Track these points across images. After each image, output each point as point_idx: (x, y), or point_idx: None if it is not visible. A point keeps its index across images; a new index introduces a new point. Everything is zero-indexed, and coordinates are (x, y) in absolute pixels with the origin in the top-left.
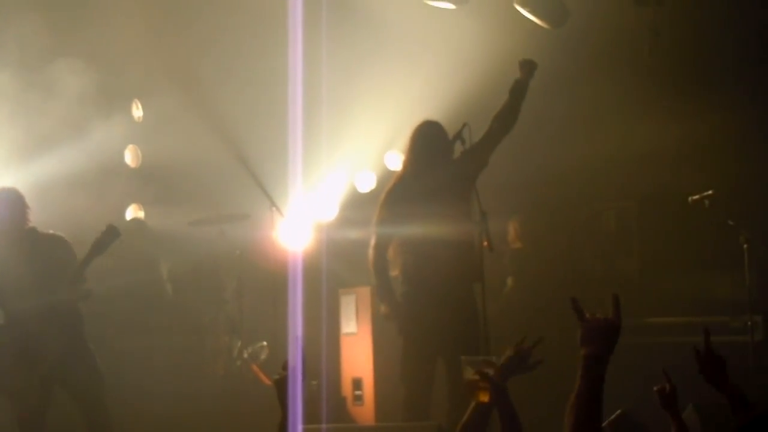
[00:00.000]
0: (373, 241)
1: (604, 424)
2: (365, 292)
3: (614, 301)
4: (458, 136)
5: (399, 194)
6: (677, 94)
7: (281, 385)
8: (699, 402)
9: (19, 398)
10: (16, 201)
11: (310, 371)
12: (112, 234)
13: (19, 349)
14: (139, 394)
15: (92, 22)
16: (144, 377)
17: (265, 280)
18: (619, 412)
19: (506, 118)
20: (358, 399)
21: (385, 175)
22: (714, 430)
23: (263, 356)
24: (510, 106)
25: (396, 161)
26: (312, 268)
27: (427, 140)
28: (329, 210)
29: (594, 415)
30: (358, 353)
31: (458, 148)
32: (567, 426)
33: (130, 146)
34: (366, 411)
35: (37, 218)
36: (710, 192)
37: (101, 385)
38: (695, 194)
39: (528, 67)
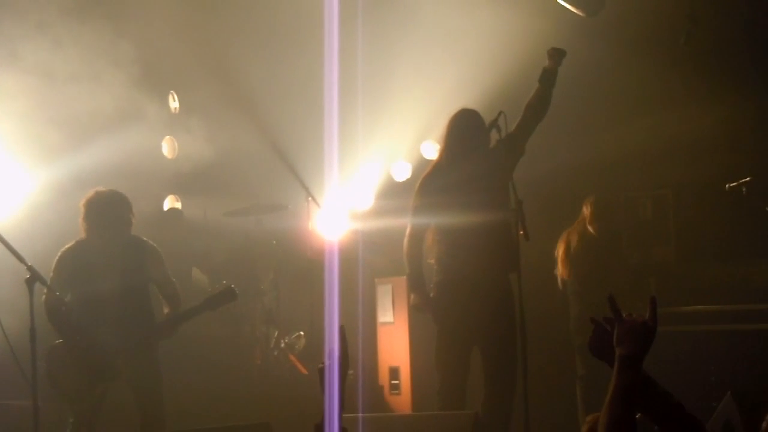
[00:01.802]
0: (408, 231)
1: (639, 414)
2: (402, 281)
3: (651, 304)
4: (494, 124)
5: (435, 183)
6: (714, 81)
7: (324, 375)
8: (737, 390)
9: (78, 401)
10: (122, 205)
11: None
12: (228, 295)
13: (82, 357)
14: (177, 383)
15: (131, 14)
16: (182, 367)
17: (302, 270)
18: None
19: (537, 106)
20: (395, 388)
21: (421, 164)
22: (752, 418)
23: (300, 346)
24: (540, 95)
25: (431, 151)
26: (348, 258)
27: (464, 129)
28: (365, 200)
29: (628, 414)
30: (394, 343)
31: (494, 136)
32: (601, 425)
33: (167, 137)
34: (403, 400)
35: (74, 212)
36: (747, 179)
37: (160, 379)
38: (732, 181)
39: (557, 55)
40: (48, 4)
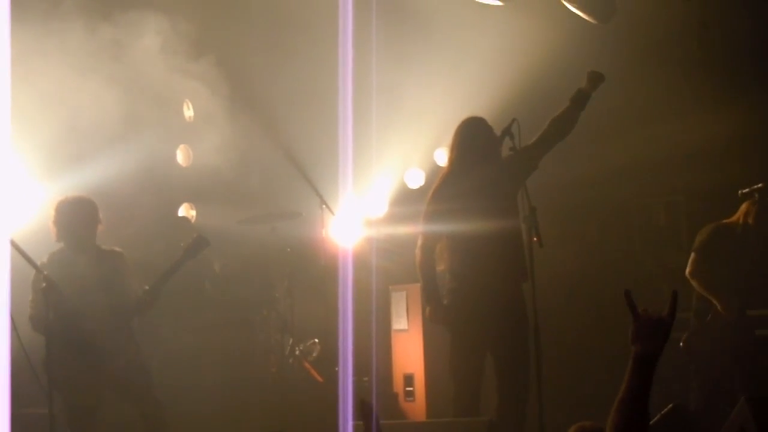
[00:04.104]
0: (420, 242)
1: (656, 419)
2: (416, 289)
3: (673, 298)
4: (507, 131)
5: (444, 193)
6: (726, 87)
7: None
8: (751, 395)
9: (72, 393)
10: (90, 212)
11: (361, 368)
12: (200, 244)
13: (81, 347)
14: (191, 391)
15: (145, 20)
16: (196, 375)
17: (316, 278)
18: (671, 405)
19: (563, 125)
20: (410, 395)
21: (435, 171)
22: (767, 424)
23: (315, 353)
24: (569, 114)
25: (444, 158)
26: (362, 266)
27: (472, 137)
28: (379, 207)
29: (641, 414)
30: (409, 350)
31: (507, 143)
32: (611, 424)
33: (182, 146)
34: (417, 407)
35: None
36: (760, 185)
37: (149, 378)
38: (745, 187)
39: (595, 79)
40: (58, 13)
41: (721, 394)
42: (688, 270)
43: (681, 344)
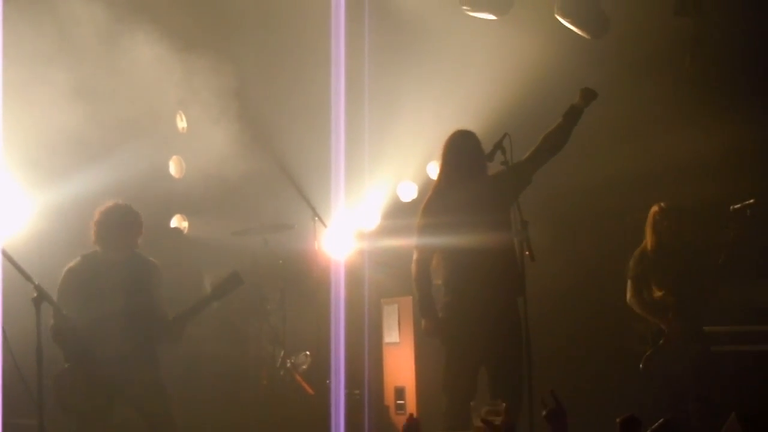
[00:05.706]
0: (415, 256)
1: None
2: (407, 301)
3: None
4: (499, 145)
5: (436, 206)
6: (718, 103)
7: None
8: (742, 411)
9: (87, 419)
10: (134, 224)
11: (353, 380)
12: (234, 282)
13: (90, 377)
14: (183, 403)
15: (137, 31)
16: (188, 385)
17: (308, 290)
18: (662, 420)
19: (556, 140)
20: (401, 408)
21: (427, 184)
22: None
23: (306, 366)
24: (562, 130)
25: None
26: (354, 278)
27: (458, 151)
28: (371, 220)
29: None
30: (400, 362)
31: (498, 158)
32: None
33: (174, 157)
34: None
35: (81, 230)
36: (751, 201)
37: (168, 400)
38: (736, 203)
39: (588, 95)
40: (47, 24)
41: (686, 410)
42: (627, 297)
43: (641, 366)
